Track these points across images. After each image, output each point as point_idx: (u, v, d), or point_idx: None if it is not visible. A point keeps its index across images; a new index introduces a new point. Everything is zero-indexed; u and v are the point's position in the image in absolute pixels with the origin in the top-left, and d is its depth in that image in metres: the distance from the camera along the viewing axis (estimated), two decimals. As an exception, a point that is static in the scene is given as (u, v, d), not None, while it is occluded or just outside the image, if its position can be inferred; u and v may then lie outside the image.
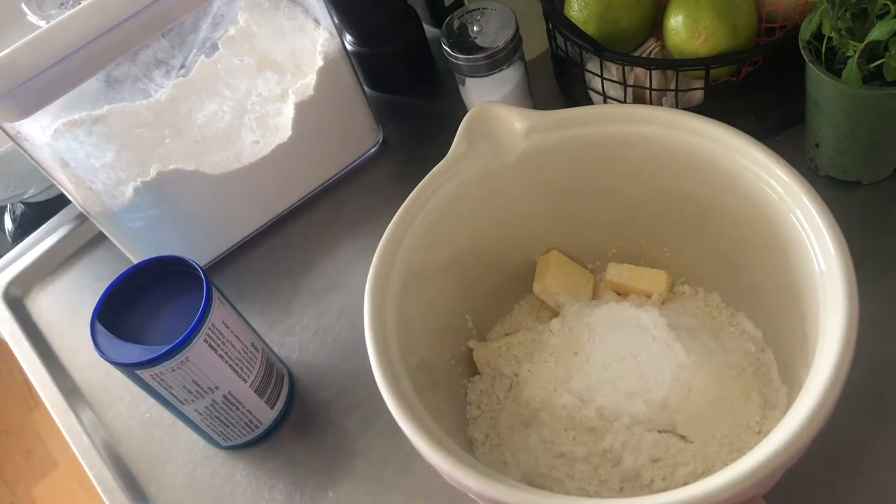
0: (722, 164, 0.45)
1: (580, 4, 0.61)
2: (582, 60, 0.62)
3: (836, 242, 0.39)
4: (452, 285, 0.50)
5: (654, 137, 0.47)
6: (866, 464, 0.47)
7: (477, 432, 0.50)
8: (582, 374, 0.46)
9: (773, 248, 0.44)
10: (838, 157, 0.56)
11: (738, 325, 0.51)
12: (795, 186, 0.42)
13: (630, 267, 0.54)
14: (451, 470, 0.37)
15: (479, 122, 0.49)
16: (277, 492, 0.55)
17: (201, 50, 0.63)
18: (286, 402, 0.58)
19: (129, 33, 0.51)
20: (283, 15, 0.66)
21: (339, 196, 0.70)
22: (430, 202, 0.47)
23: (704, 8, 0.57)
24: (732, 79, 0.60)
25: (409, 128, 0.73)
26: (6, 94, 0.49)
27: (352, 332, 0.61)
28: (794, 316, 0.44)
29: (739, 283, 0.50)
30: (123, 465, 0.60)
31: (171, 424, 0.60)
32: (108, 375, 0.60)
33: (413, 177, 0.48)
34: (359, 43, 0.72)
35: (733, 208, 0.46)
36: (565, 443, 0.45)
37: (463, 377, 0.52)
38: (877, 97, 0.50)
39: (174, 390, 0.50)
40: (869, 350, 0.40)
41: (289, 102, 0.64)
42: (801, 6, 0.57)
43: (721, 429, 0.45)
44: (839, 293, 0.38)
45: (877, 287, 0.51)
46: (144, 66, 0.61)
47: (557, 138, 0.48)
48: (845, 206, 0.56)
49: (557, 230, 0.54)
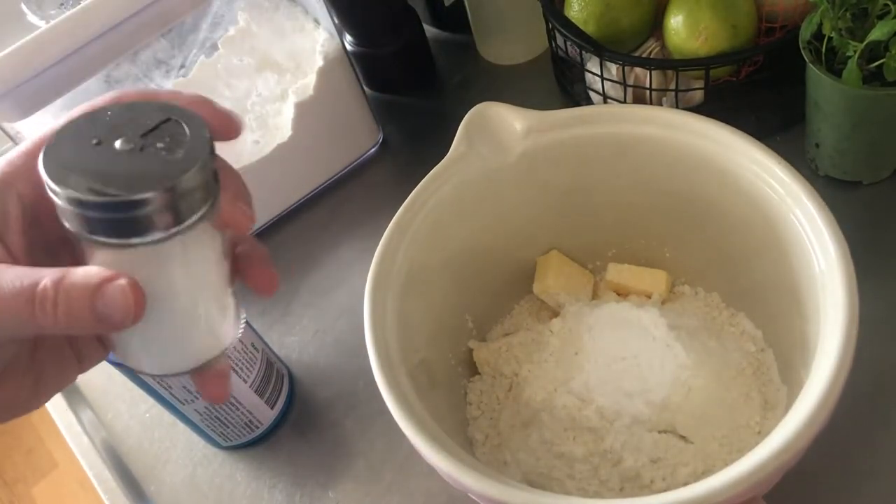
0: (722, 164, 0.45)
1: (580, 4, 0.61)
2: (582, 60, 0.62)
3: (836, 242, 0.39)
4: (452, 285, 0.50)
5: (654, 137, 0.47)
6: (866, 464, 0.47)
7: (477, 432, 0.50)
8: (582, 374, 0.46)
9: (774, 249, 0.44)
10: (838, 157, 0.56)
11: (738, 325, 0.51)
12: (795, 186, 0.41)
13: (630, 267, 0.54)
14: (451, 470, 0.37)
15: (479, 122, 0.49)
16: (277, 492, 0.55)
17: (201, 50, 0.63)
18: (286, 402, 0.58)
19: (129, 33, 0.51)
20: (282, 15, 0.66)
21: (339, 196, 0.70)
22: (430, 202, 0.47)
23: (704, 8, 0.57)
24: (732, 79, 0.60)
25: (409, 128, 0.73)
26: (6, 94, 0.49)
27: (352, 332, 0.61)
28: (794, 316, 0.44)
29: (739, 283, 0.50)
30: (123, 465, 0.60)
31: (170, 424, 0.60)
32: (108, 375, 0.60)
33: (413, 177, 0.48)
34: (359, 43, 0.72)
35: (733, 208, 0.46)
36: (565, 443, 0.45)
37: (463, 377, 0.52)
38: (877, 97, 0.49)
39: (174, 390, 0.50)
40: (869, 350, 0.39)
41: (289, 102, 0.64)
42: (802, 6, 0.57)
43: (721, 429, 0.45)
44: (839, 293, 0.37)
45: (877, 287, 0.51)
46: (144, 66, 0.61)
47: (557, 138, 0.48)
48: (845, 206, 0.56)
49: (557, 230, 0.54)
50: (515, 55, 0.74)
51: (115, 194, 0.26)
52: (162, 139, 0.28)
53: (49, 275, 0.27)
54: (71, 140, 0.28)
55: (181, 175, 0.27)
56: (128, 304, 0.27)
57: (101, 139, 0.28)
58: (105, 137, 0.28)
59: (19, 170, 0.30)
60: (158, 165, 0.27)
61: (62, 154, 0.27)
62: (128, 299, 0.27)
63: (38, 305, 0.27)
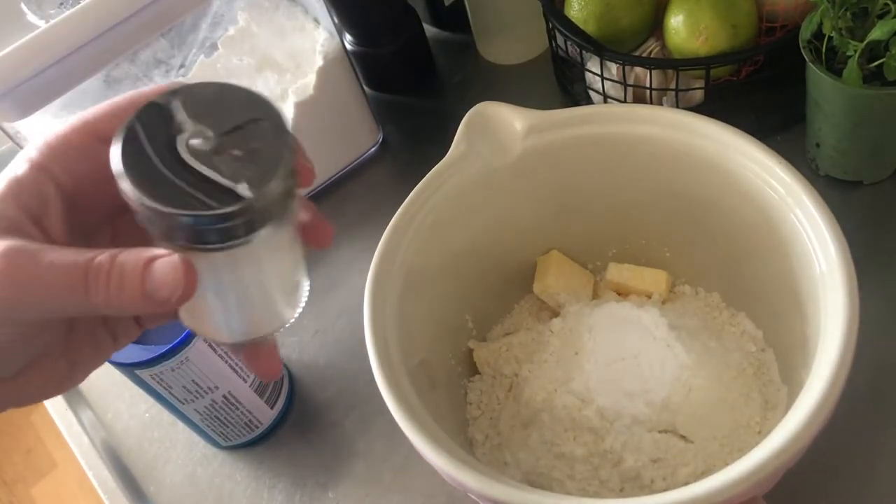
0: (722, 164, 0.45)
1: (580, 4, 0.61)
2: (582, 60, 0.61)
3: (836, 242, 0.39)
4: (452, 285, 0.50)
5: (655, 137, 0.47)
6: (866, 464, 0.47)
7: (477, 432, 0.50)
8: (582, 374, 0.46)
9: (774, 249, 0.44)
10: (839, 156, 0.56)
11: (739, 325, 0.51)
12: (796, 186, 0.41)
13: (630, 267, 0.54)
14: (451, 470, 0.37)
15: (479, 122, 0.49)
16: (277, 492, 0.55)
17: (201, 50, 0.63)
18: (286, 402, 0.58)
19: (129, 33, 0.51)
20: (282, 15, 0.66)
21: (338, 196, 0.70)
22: (430, 202, 0.47)
23: (705, 8, 0.57)
24: (733, 78, 0.60)
25: (409, 128, 0.73)
26: (6, 94, 0.49)
27: (352, 332, 0.61)
28: (795, 316, 0.44)
29: (740, 283, 0.50)
30: (123, 465, 0.59)
31: (170, 424, 0.60)
32: (108, 375, 0.60)
33: (413, 177, 0.48)
34: (359, 43, 0.72)
35: (734, 208, 0.46)
36: (566, 443, 0.45)
37: (463, 377, 0.52)
38: (877, 97, 0.49)
39: (174, 390, 0.50)
40: (869, 350, 0.39)
41: (288, 102, 0.64)
42: (802, 6, 0.57)
43: (721, 429, 0.45)
44: (840, 293, 0.37)
45: (878, 287, 0.51)
46: (144, 66, 0.60)
47: (557, 138, 0.48)
48: (846, 206, 0.56)
49: (557, 230, 0.54)
50: (515, 55, 0.74)
51: (196, 209, 0.25)
52: (244, 141, 0.27)
53: (102, 252, 0.28)
54: (148, 130, 0.27)
55: (263, 187, 0.26)
56: (177, 281, 0.27)
57: (179, 131, 0.27)
58: (184, 130, 0.27)
59: (56, 153, 0.29)
60: (239, 172, 0.26)
61: (138, 150, 0.26)
62: (178, 275, 0.27)
63: (91, 280, 0.27)
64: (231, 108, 0.27)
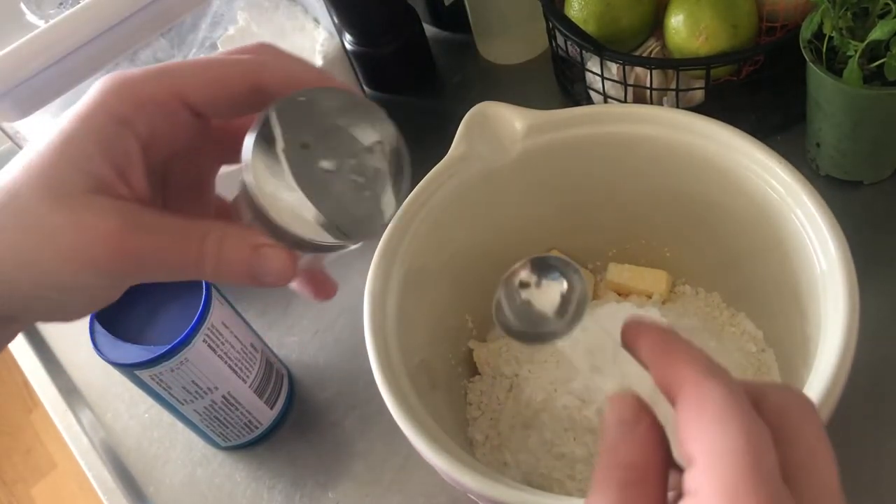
0: (722, 164, 0.45)
1: (580, 4, 0.61)
2: (582, 60, 0.61)
3: (837, 242, 0.39)
4: (452, 285, 0.50)
5: (655, 137, 0.47)
6: (866, 464, 0.47)
7: (477, 433, 0.50)
8: (582, 374, 0.46)
9: (774, 249, 0.44)
10: (839, 156, 0.56)
11: (739, 325, 0.51)
12: (796, 186, 0.41)
13: (630, 267, 0.54)
14: (451, 471, 0.37)
15: (479, 122, 0.49)
16: (277, 492, 0.55)
17: (201, 49, 0.62)
18: (286, 402, 0.58)
19: (129, 33, 0.51)
20: (282, 14, 0.66)
21: (338, 196, 0.70)
22: (430, 202, 0.47)
23: (705, 7, 0.57)
24: (733, 78, 0.60)
25: (409, 128, 0.73)
26: (6, 94, 0.49)
27: (352, 332, 0.61)
28: (795, 316, 0.44)
29: (740, 283, 0.50)
30: (122, 465, 0.59)
31: (170, 425, 0.60)
32: (108, 376, 0.60)
33: (413, 177, 0.47)
34: (359, 43, 0.72)
35: (734, 208, 0.46)
36: (566, 443, 0.45)
37: (463, 377, 0.52)
38: (878, 97, 0.49)
39: (173, 390, 0.50)
40: (870, 350, 0.39)
41: (288, 102, 0.64)
42: (802, 6, 0.57)
43: (722, 429, 0.45)
44: (840, 293, 0.37)
45: (878, 287, 0.51)
46: (144, 65, 0.60)
47: (557, 138, 0.48)
48: (846, 206, 0.56)
49: (557, 230, 0.54)
50: (515, 55, 0.74)
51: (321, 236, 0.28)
52: (365, 168, 0.30)
53: (213, 226, 0.30)
54: (285, 129, 0.28)
55: (380, 221, 0.29)
56: (285, 272, 0.30)
57: (310, 144, 0.29)
58: (315, 146, 0.29)
59: (142, 109, 0.30)
60: (356, 203, 0.29)
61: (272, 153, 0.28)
62: (286, 268, 0.30)
63: (204, 256, 0.29)
64: (358, 125, 0.31)
